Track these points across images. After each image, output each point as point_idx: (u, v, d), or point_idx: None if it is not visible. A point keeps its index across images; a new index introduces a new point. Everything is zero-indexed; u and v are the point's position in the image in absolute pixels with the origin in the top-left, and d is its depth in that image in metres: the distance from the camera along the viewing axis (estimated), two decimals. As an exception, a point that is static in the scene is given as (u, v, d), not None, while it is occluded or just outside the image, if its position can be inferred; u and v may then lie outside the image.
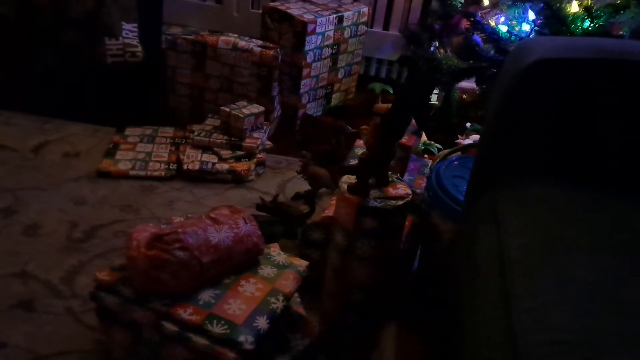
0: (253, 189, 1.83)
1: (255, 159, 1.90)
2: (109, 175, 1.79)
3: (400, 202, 1.09)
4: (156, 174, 1.81)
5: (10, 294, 1.32)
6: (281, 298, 1.06)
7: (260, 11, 2.24)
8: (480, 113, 1.95)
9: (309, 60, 2.15)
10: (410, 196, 1.12)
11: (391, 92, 2.38)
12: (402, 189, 1.13)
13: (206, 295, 1.02)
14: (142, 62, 2.14)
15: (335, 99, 2.42)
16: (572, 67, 0.94)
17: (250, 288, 1.06)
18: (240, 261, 1.09)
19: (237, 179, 1.84)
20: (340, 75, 2.37)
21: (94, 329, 1.21)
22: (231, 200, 1.75)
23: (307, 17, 2.08)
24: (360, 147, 1.59)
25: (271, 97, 2.11)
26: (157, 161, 1.86)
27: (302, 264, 1.18)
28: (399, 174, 1.32)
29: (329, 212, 1.38)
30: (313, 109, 2.32)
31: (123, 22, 2.10)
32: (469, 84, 1.94)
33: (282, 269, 1.13)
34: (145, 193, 1.74)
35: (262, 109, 2.00)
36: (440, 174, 1.41)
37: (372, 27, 2.58)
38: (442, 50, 1.94)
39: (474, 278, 0.91)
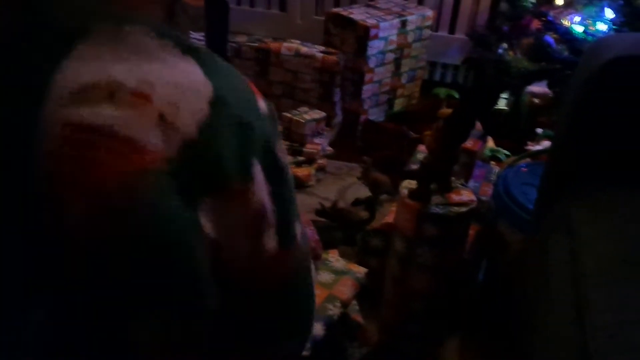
0: (313, 195, 1.82)
1: (315, 165, 1.90)
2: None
3: (464, 209, 1.04)
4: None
5: None
6: (338, 304, 1.04)
7: (324, 18, 2.24)
8: (552, 118, 1.85)
9: (371, 65, 2.13)
10: (475, 203, 1.07)
11: (456, 97, 2.31)
12: (465, 196, 1.08)
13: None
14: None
15: (398, 104, 2.38)
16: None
17: (307, 293, 1.05)
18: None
19: (297, 185, 1.84)
20: (403, 81, 2.33)
21: None
22: (291, 206, 1.75)
23: (370, 21, 2.06)
24: (422, 152, 1.55)
25: (333, 102, 2.10)
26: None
27: (360, 270, 1.15)
28: (463, 180, 1.26)
29: (389, 218, 1.35)
30: (375, 114, 2.29)
31: (191, 32, 2.17)
32: (540, 87, 1.84)
33: (340, 275, 1.11)
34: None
35: (323, 114, 1.99)
36: (508, 181, 1.34)
37: (437, 31, 2.52)
38: (511, 53, 1.86)
39: (544, 291, 0.85)
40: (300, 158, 1.90)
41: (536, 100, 2.03)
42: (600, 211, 0.82)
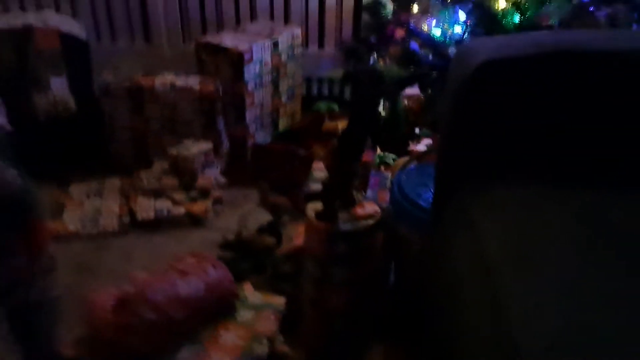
0: (214, 229, 1.77)
1: (211, 198, 1.85)
2: (57, 238, 1.68)
3: (371, 222, 1.07)
4: (109, 229, 1.72)
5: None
6: (265, 342, 1.01)
7: (193, 46, 2.19)
8: (427, 118, 1.97)
9: (250, 89, 2.12)
10: (379, 213, 1.10)
11: (337, 109, 2.38)
12: (369, 208, 1.11)
13: (185, 353, 0.96)
14: (76, 113, 2.05)
15: (282, 124, 2.39)
16: (516, 64, 0.94)
17: (231, 337, 1.01)
18: (215, 310, 1.04)
19: (195, 221, 1.77)
20: (284, 100, 2.35)
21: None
22: (192, 244, 1.69)
23: (242, 46, 2.05)
24: (319, 170, 1.57)
25: (217, 131, 2.06)
26: (109, 216, 1.77)
27: (278, 301, 1.14)
28: (363, 192, 1.30)
29: (298, 241, 1.35)
30: (262, 137, 2.28)
31: (51, 76, 2.01)
32: (413, 90, 1.95)
33: (259, 310, 1.09)
34: (100, 251, 1.65)
35: (210, 145, 1.95)
36: (402, 184, 1.40)
37: (307, 47, 2.57)
38: (381, 62, 1.95)
39: (455, 285, 0.89)
40: (194, 193, 1.83)
41: (409, 103, 2.15)
42: (496, 206, 0.87)
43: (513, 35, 1.54)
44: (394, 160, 1.86)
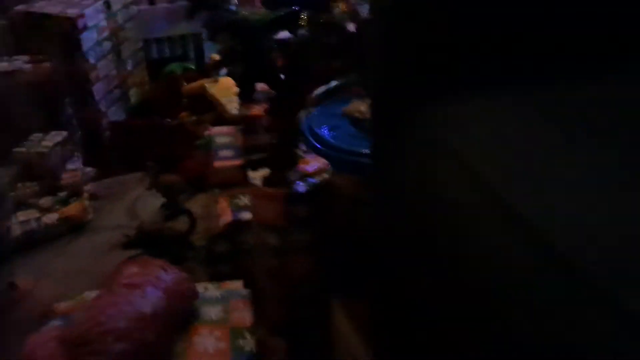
0: (101, 230, 1.51)
1: (84, 195, 1.57)
2: None
3: (325, 175, 0.98)
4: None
5: None
6: (247, 335, 0.89)
7: (6, 21, 1.78)
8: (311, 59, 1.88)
9: (92, 61, 1.81)
10: (328, 165, 1.01)
11: (193, 68, 2.17)
12: (314, 163, 1.01)
13: (169, 378, 0.80)
14: None
15: (134, 95, 2.12)
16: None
17: (209, 341, 0.87)
18: (182, 317, 0.88)
19: (75, 226, 1.49)
20: (129, 67, 2.07)
21: None
22: (83, 253, 1.43)
23: (72, 11, 1.73)
24: (219, 135, 1.40)
25: (66, 117, 1.74)
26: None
27: (237, 286, 1.01)
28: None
29: (224, 217, 1.20)
30: (115, 114, 1.99)
31: None
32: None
33: (226, 302, 0.95)
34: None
35: (64, 134, 1.64)
36: (316, 132, 1.31)
37: (138, 5, 2.28)
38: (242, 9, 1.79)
39: (449, 213, 0.85)
40: (63, 194, 1.54)
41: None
42: (460, 123, 0.83)
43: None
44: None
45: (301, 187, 0.95)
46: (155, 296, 0.82)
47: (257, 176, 0.96)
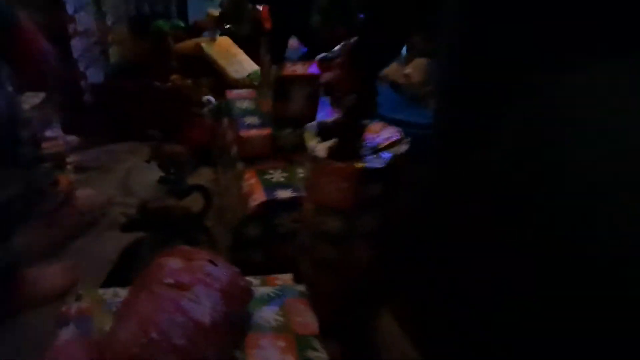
0: (91, 207, 1.30)
1: (69, 165, 1.34)
2: None
3: (403, 147, 0.81)
4: None
5: None
6: (317, 344, 0.72)
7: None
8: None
9: (70, 11, 1.56)
10: (401, 134, 0.84)
11: (183, 26, 1.94)
12: (386, 132, 0.84)
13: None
14: None
15: (114, 54, 1.86)
16: None
17: (272, 354, 0.69)
18: (242, 324, 0.70)
19: (65, 201, 1.27)
20: (109, 22, 1.81)
21: None
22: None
23: (48, -50, 1.46)
24: (241, 99, 1.20)
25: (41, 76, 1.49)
26: None
27: (288, 280, 0.83)
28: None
29: (256, 195, 1.02)
30: (94, 75, 1.74)
31: None
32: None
33: (280, 302, 0.77)
34: None
35: (41, 95, 1.40)
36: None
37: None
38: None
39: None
40: (45, 166, 1.31)
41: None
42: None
43: None
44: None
45: (375, 162, 0.77)
46: (211, 300, 0.64)
47: (319, 149, 0.78)
